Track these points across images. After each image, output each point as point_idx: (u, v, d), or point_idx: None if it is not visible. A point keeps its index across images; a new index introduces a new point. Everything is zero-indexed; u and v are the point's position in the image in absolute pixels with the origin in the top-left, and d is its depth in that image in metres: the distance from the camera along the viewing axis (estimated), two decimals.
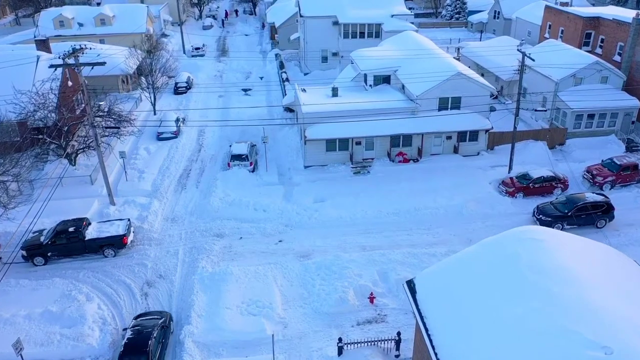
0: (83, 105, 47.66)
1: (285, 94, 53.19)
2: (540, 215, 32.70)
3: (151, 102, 51.02)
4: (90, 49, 33.52)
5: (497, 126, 42.18)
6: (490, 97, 41.20)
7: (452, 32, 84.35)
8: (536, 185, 36.19)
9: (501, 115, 42.31)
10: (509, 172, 38.44)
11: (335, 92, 42.04)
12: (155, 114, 51.18)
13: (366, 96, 42.14)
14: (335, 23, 59.74)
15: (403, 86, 42.85)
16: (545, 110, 40.79)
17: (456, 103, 40.37)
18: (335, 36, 60.63)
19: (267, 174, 39.66)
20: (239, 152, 39.88)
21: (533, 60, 35.01)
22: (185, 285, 28.21)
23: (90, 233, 30.80)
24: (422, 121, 39.35)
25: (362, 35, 59.00)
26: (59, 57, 31.54)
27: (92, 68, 32.11)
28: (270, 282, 27.84)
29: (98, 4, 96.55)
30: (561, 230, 31.79)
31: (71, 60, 31.78)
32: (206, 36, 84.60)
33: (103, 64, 32.86)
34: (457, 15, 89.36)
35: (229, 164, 39.85)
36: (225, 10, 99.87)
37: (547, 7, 59.64)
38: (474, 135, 41.24)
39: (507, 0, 79.53)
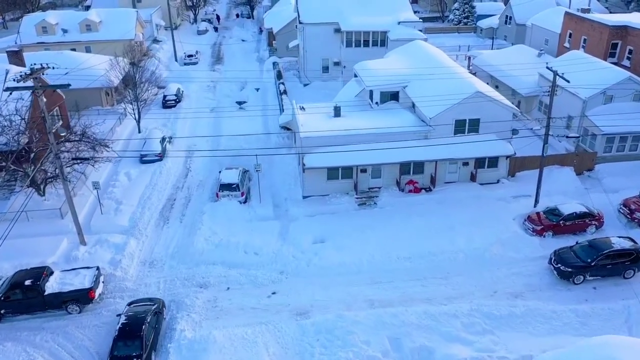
0: (56, 126, 43.43)
1: (283, 109, 48.66)
2: (559, 265, 27.98)
3: (135, 119, 46.45)
4: (53, 68, 28.79)
5: (519, 149, 37.57)
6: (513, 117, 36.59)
7: (461, 37, 79.69)
8: (567, 223, 31.64)
9: (523, 137, 37.66)
10: (535, 206, 33.87)
11: (337, 112, 37.51)
12: (139, 131, 46.65)
13: (372, 116, 37.58)
14: (337, 30, 55.19)
15: (413, 104, 38.31)
16: (578, 137, 36.19)
17: (474, 126, 35.79)
18: (337, 44, 56.08)
19: (261, 205, 35.14)
20: (229, 181, 35.33)
21: (568, 81, 30.38)
22: (158, 356, 23.67)
23: (52, 286, 26.30)
24: (435, 146, 34.78)
25: (366, 43, 54.47)
26: (16, 79, 26.92)
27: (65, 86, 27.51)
28: (260, 351, 23.29)
29: (87, 8, 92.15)
30: (582, 281, 27.83)
31: (29, 83, 27.16)
32: (201, 42, 79.97)
33: (67, 86, 28.36)
34: (465, 20, 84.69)
35: (217, 194, 35.32)
36: (217, 15, 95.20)
37: (567, 13, 55.05)
38: (493, 161, 36.69)
39: (519, 5, 75.00)
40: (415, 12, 61.31)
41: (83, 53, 56.14)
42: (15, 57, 44.80)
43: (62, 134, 27.80)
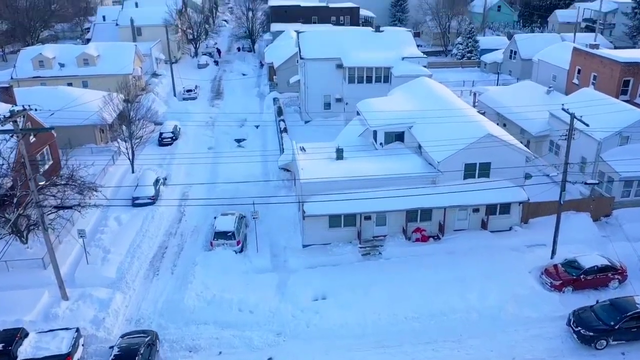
0: (45, 167, 41.52)
1: (283, 149, 46.76)
2: (579, 328, 25.52)
3: (129, 158, 44.51)
4: (36, 110, 26.89)
5: (532, 193, 35.36)
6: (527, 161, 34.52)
7: (465, 72, 78.51)
8: (588, 277, 29.29)
9: (538, 183, 35.49)
10: (552, 257, 31.56)
11: (340, 155, 35.53)
12: (133, 171, 44.67)
13: (376, 159, 35.62)
14: (339, 66, 53.72)
15: (420, 146, 36.36)
16: (598, 183, 34.07)
17: (485, 170, 33.74)
18: (339, 80, 54.53)
19: (258, 255, 32.86)
20: (225, 229, 33.12)
21: (587, 125, 28.43)
22: None
23: (25, 351, 23.95)
24: (444, 192, 32.64)
25: (369, 80, 52.88)
26: None
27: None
28: None
29: (88, 41, 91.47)
30: (606, 346, 25.43)
31: (8, 126, 25.22)
32: (201, 76, 78.78)
33: (49, 129, 26.52)
34: (469, 54, 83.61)
35: (211, 242, 33.08)
36: (218, 49, 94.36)
37: (575, 49, 53.56)
38: (505, 207, 34.52)
39: (524, 40, 73.97)
40: (417, 46, 60.04)
41: (78, 89, 54.57)
42: (6, 93, 43.15)
43: (41, 182, 25.78)
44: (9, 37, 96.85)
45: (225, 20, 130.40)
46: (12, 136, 25.60)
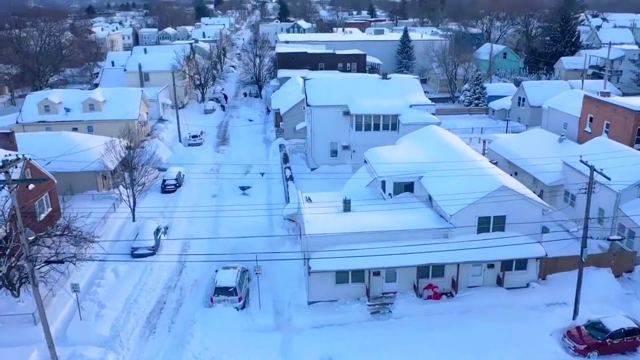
0: (44, 214, 40.32)
1: (289, 198, 45.47)
2: None
3: (130, 207, 43.28)
4: (30, 159, 25.80)
5: (549, 247, 33.63)
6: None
7: (473, 119, 77.80)
8: (615, 341, 27.28)
9: (558, 239, 33.83)
10: (574, 318, 29.60)
11: (347, 206, 34.14)
12: (134, 220, 43.36)
13: (385, 210, 34.15)
14: (346, 113, 52.95)
15: (430, 197, 34.96)
16: (621, 239, 32.43)
17: (500, 223, 32.20)
18: (346, 128, 53.69)
19: (261, 312, 31.06)
20: (226, 284, 31.45)
21: (608, 178, 27.05)
22: None
23: None
24: (457, 246, 31.00)
25: (376, 127, 51.96)
26: None
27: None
28: None
29: (96, 85, 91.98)
30: None
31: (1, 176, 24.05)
32: (207, 122, 78.43)
33: (42, 180, 25.40)
34: (476, 101, 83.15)
35: (212, 298, 31.36)
36: (225, 94, 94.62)
37: (586, 97, 52.68)
38: (522, 263, 32.78)
39: (532, 87, 73.55)
40: (424, 92, 59.54)
41: (81, 134, 53.94)
42: (7, 139, 42.41)
43: (30, 237, 24.47)
44: (18, 81, 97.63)
45: (232, 66, 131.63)
46: (2, 187, 24.32)
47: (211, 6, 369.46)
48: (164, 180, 50.78)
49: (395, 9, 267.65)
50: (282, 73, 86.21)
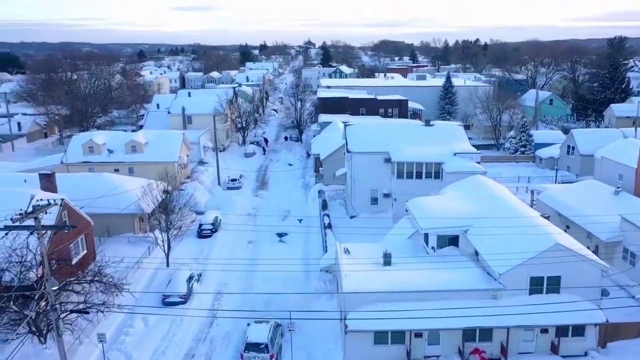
0: (79, 257, 39.88)
1: (326, 247, 43.84)
2: None
3: (164, 251, 42.49)
4: (56, 203, 25.19)
5: (611, 314, 30.70)
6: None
7: (519, 167, 74.99)
8: None
9: (616, 302, 30.98)
10: None
11: (387, 260, 32.28)
12: (168, 265, 42.50)
13: (428, 266, 32.10)
14: (388, 160, 51.52)
15: (476, 252, 32.75)
16: None
17: (554, 284, 29.66)
18: (388, 175, 52.19)
19: None
20: (257, 340, 29.73)
21: None
22: None
23: None
24: (507, 309, 28.55)
25: (418, 175, 50.26)
26: (13, 218, 23.19)
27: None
28: None
29: (141, 127, 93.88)
30: None
31: (30, 221, 23.43)
32: (247, 166, 78.38)
33: (71, 227, 24.51)
34: (522, 149, 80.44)
35: (242, 355, 29.64)
36: (265, 138, 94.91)
37: None
38: (579, 329, 29.93)
39: (582, 135, 70.64)
40: (468, 139, 57.68)
41: (121, 176, 54.15)
42: (47, 180, 42.65)
43: (54, 287, 23.58)
44: (67, 122, 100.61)
45: (274, 110, 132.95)
46: (31, 233, 23.67)
47: (256, 51, 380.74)
48: (200, 225, 50.07)
49: (437, 55, 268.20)
50: (323, 118, 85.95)
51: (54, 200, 24.63)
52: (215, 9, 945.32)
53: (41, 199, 27.53)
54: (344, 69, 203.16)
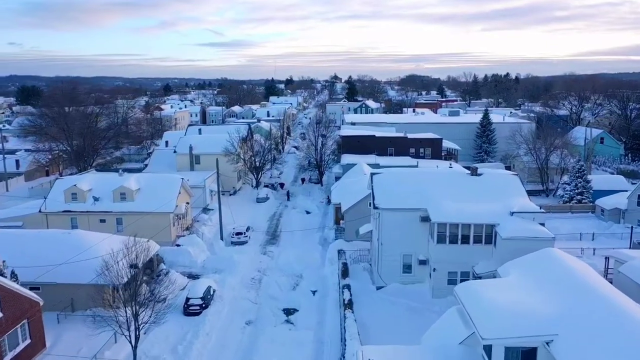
0: (15, 352, 29.85)
1: (345, 339, 33.02)
2: None
3: (130, 343, 32.23)
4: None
5: None
6: None
7: (576, 220, 63.18)
8: None
9: None
10: None
11: None
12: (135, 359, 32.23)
13: None
14: (425, 219, 40.94)
15: None
16: None
17: None
18: (424, 237, 41.49)
19: None
20: None
21: None
22: None
23: None
24: None
25: (464, 239, 39.37)
26: None
27: None
28: None
29: (145, 166, 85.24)
30: None
31: None
32: (258, 213, 68.53)
33: None
34: (578, 196, 68.65)
35: None
36: (281, 183, 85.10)
37: None
38: None
39: None
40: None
41: (98, 234, 44.47)
42: None
43: None
44: (65, 161, 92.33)
45: (295, 147, 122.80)
46: None
47: (282, 86, 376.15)
48: (187, 299, 39.73)
49: (468, 90, 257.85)
50: (346, 159, 75.94)
51: None
52: (245, 45, 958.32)
53: None
54: (370, 103, 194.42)
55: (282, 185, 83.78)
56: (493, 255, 38.81)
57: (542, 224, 39.35)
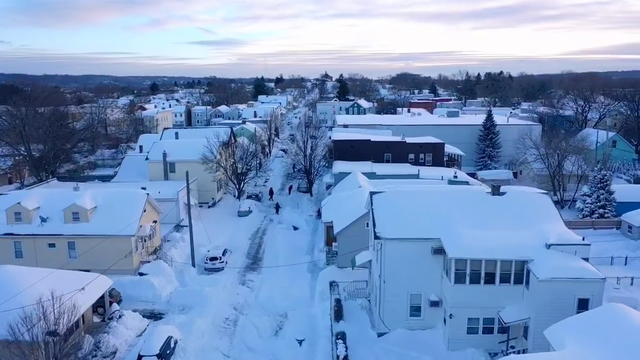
0: None
1: None
2: None
3: None
4: None
5: None
6: None
7: (601, 238, 54.97)
8: None
9: None
10: None
11: None
12: None
13: None
14: (438, 252, 32.80)
15: None
16: None
17: None
18: (437, 272, 33.39)
19: None
20: None
21: None
22: None
23: None
24: None
25: (489, 279, 31.31)
26: None
27: None
28: None
29: (112, 177, 76.43)
30: None
31: None
32: (239, 228, 60.29)
33: None
34: (601, 210, 60.86)
35: None
36: (271, 188, 76.76)
37: None
38: None
39: None
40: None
41: (37, 269, 36.07)
42: None
43: None
44: (35, 168, 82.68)
45: (283, 150, 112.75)
46: None
47: (272, 84, 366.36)
48: (139, 358, 31.25)
49: (463, 89, 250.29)
50: (338, 166, 67.54)
51: None
52: (236, 43, 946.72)
53: None
54: (363, 103, 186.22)
55: (271, 192, 75.22)
56: (524, 297, 30.90)
57: (586, 259, 31.43)
